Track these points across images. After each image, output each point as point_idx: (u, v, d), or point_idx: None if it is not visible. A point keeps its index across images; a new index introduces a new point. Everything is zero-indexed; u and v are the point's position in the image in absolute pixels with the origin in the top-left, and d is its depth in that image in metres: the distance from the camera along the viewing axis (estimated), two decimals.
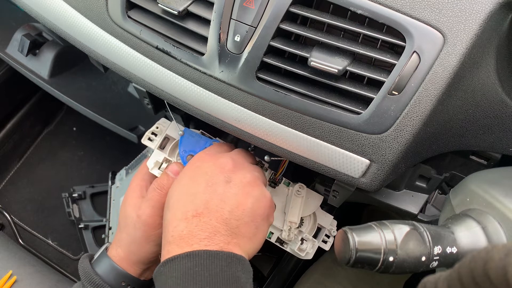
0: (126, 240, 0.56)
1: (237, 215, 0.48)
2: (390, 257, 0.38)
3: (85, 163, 1.14)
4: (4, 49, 0.93)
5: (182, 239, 0.46)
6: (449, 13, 0.42)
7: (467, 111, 0.46)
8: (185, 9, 0.48)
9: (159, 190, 0.56)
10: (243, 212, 0.49)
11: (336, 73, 0.44)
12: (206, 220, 0.47)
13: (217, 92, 0.51)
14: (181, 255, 0.44)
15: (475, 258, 0.28)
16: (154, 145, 0.62)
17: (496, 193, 0.42)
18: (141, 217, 0.55)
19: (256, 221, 0.50)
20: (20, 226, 1.04)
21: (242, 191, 0.50)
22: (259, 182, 0.52)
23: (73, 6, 0.55)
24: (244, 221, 0.49)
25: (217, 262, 0.44)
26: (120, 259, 0.56)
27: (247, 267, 0.47)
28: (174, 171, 0.57)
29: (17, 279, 0.71)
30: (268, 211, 0.52)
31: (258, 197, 0.50)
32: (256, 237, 0.50)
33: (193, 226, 0.47)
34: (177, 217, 0.48)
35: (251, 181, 0.51)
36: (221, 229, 0.47)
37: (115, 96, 1.00)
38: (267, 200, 0.52)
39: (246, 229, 0.49)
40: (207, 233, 0.46)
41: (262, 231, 0.51)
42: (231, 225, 0.48)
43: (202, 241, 0.46)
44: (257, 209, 0.50)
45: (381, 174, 0.47)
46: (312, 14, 0.45)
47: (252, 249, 0.50)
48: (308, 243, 0.62)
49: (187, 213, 0.48)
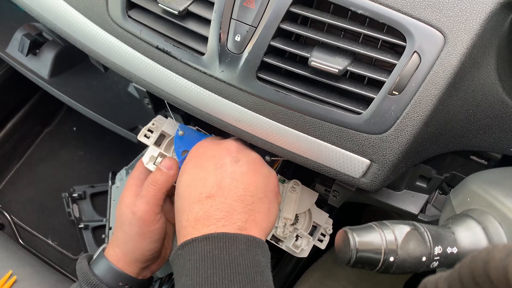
0: (122, 239, 0.56)
1: (251, 191, 0.49)
2: (390, 257, 0.38)
3: (85, 163, 1.14)
4: (4, 49, 0.93)
5: (198, 221, 0.46)
6: (449, 13, 0.41)
7: (467, 111, 0.46)
8: (186, 9, 0.48)
9: (153, 185, 0.55)
10: (257, 188, 0.49)
11: (336, 73, 0.44)
12: (221, 199, 0.47)
13: (217, 92, 0.51)
14: (199, 238, 0.44)
15: (475, 258, 0.28)
16: (150, 142, 0.62)
17: (497, 193, 0.42)
18: (136, 214, 0.55)
19: (269, 196, 0.51)
20: (20, 226, 1.04)
21: (252, 169, 0.51)
22: (263, 161, 0.54)
23: (73, 6, 0.55)
24: (258, 196, 0.49)
25: (236, 246, 0.43)
26: (117, 259, 0.56)
27: (266, 251, 0.46)
28: (167, 165, 0.57)
29: (17, 279, 0.71)
30: (277, 188, 0.53)
31: (267, 174, 0.52)
32: (270, 212, 0.50)
33: (208, 207, 0.47)
34: (189, 202, 0.48)
35: (257, 160, 0.53)
36: (237, 207, 0.47)
37: (115, 96, 1.00)
38: (274, 177, 0.53)
39: (261, 205, 0.49)
40: (223, 213, 0.46)
41: (275, 207, 0.52)
42: (246, 201, 0.48)
43: (219, 221, 0.45)
44: (268, 185, 0.51)
45: (381, 174, 0.47)
46: (312, 14, 0.45)
47: (268, 225, 0.50)
48: (303, 240, 0.62)
49: (200, 196, 0.48)
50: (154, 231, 0.55)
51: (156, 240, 0.56)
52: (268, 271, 0.45)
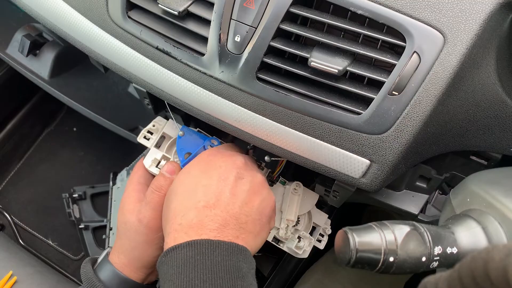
0: (128, 246, 0.55)
1: (246, 211, 0.49)
2: (390, 258, 0.38)
3: (86, 164, 1.14)
4: (4, 50, 0.93)
5: (191, 227, 0.46)
6: (449, 13, 0.42)
7: (467, 111, 0.46)
8: (185, 9, 0.48)
9: (157, 192, 0.55)
10: (252, 209, 0.50)
11: (336, 73, 0.44)
12: (217, 212, 0.47)
13: (217, 92, 0.51)
14: (182, 244, 0.44)
15: (475, 258, 0.28)
16: (150, 144, 0.61)
17: (497, 193, 0.42)
18: (142, 221, 0.54)
19: (262, 220, 0.51)
20: (20, 227, 1.04)
21: (253, 189, 0.51)
22: (266, 184, 0.54)
23: (73, 6, 0.55)
24: (252, 218, 0.49)
25: (218, 251, 0.44)
26: (123, 266, 0.55)
27: (249, 258, 0.47)
28: (170, 170, 0.57)
29: (18, 280, 0.71)
30: (273, 213, 0.53)
31: (266, 197, 0.52)
32: (260, 235, 0.51)
33: (204, 216, 0.47)
34: (186, 206, 0.48)
35: (261, 181, 0.53)
36: (230, 223, 0.47)
37: (115, 97, 1.00)
38: (273, 202, 0.53)
39: (253, 226, 0.49)
40: (217, 225, 0.46)
41: (266, 231, 0.52)
42: (240, 220, 0.48)
43: (212, 231, 0.46)
44: (264, 208, 0.51)
45: (381, 174, 0.47)
46: (312, 15, 0.45)
47: (255, 246, 0.50)
48: (305, 241, 0.62)
49: (197, 203, 0.48)
50: (160, 237, 0.55)
51: (162, 246, 0.55)
52: (251, 278, 0.45)
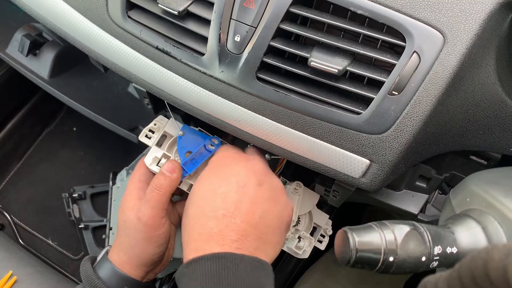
0: (128, 243, 0.56)
1: (267, 219, 0.48)
2: (390, 257, 0.38)
3: (85, 163, 1.14)
4: (4, 49, 0.93)
5: (212, 237, 0.45)
6: (449, 13, 0.42)
7: (467, 111, 0.46)
8: (185, 9, 0.48)
9: (157, 190, 0.55)
10: (273, 218, 0.49)
11: (336, 73, 0.44)
12: (237, 221, 0.46)
13: (217, 92, 0.51)
14: (206, 256, 0.43)
15: (475, 258, 0.28)
16: (152, 142, 0.62)
17: (496, 193, 0.42)
18: (141, 219, 0.54)
19: (281, 228, 0.50)
20: (20, 226, 1.04)
21: (272, 197, 0.50)
22: (284, 190, 0.53)
23: (73, 6, 0.55)
24: (273, 228, 0.49)
25: (242, 266, 0.43)
26: (122, 263, 0.55)
27: (270, 273, 0.46)
28: (170, 169, 0.56)
29: (17, 279, 0.71)
30: (290, 219, 0.53)
31: (285, 205, 0.51)
32: (279, 245, 0.50)
33: (224, 225, 0.46)
34: (205, 215, 0.47)
35: (280, 188, 0.52)
36: (251, 233, 0.46)
37: (115, 96, 1.00)
38: (291, 209, 0.53)
39: (272, 236, 0.49)
40: (238, 235, 0.46)
41: (283, 240, 0.51)
42: (260, 230, 0.47)
43: (233, 243, 0.45)
44: (284, 217, 0.51)
45: (381, 174, 0.47)
46: (312, 14, 0.45)
47: (274, 255, 0.50)
48: (305, 241, 0.62)
49: (216, 212, 0.47)
50: (160, 235, 0.55)
51: (162, 243, 0.56)
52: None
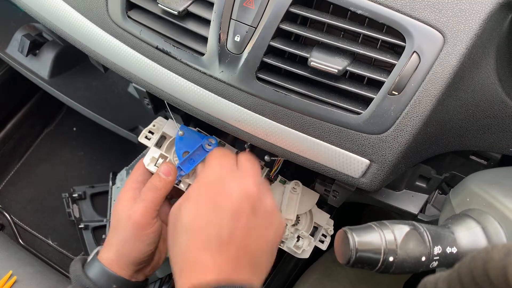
0: (117, 241, 0.56)
1: (261, 245, 0.48)
2: (390, 257, 0.38)
3: (85, 163, 1.14)
4: (4, 49, 0.93)
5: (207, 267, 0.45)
6: (449, 13, 0.42)
7: (467, 111, 0.46)
8: (185, 9, 0.48)
9: (152, 191, 0.56)
10: (267, 243, 0.49)
11: (336, 73, 0.44)
12: (232, 251, 0.46)
13: (217, 92, 0.51)
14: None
15: (475, 258, 0.28)
16: (151, 143, 0.62)
17: (496, 193, 0.42)
18: (131, 217, 0.55)
19: (274, 249, 0.51)
20: (20, 226, 1.04)
21: (266, 221, 0.50)
22: (278, 210, 0.53)
23: (73, 6, 0.55)
24: (266, 251, 0.49)
25: None
26: (111, 262, 0.55)
27: None
28: (165, 172, 0.57)
29: (17, 279, 0.71)
30: (281, 237, 0.53)
31: (278, 226, 0.51)
32: (270, 263, 0.50)
33: (218, 256, 0.46)
34: (196, 245, 0.47)
35: (273, 210, 0.51)
36: (245, 262, 0.47)
37: (115, 96, 1.00)
38: (283, 227, 0.53)
39: (266, 259, 0.49)
40: (232, 266, 0.45)
41: (273, 258, 0.51)
42: (255, 256, 0.48)
43: (230, 274, 0.45)
44: (277, 238, 0.51)
45: (381, 174, 0.47)
46: (312, 14, 0.45)
47: (265, 275, 0.50)
48: (305, 241, 0.62)
49: (210, 243, 0.46)
50: (149, 234, 0.55)
51: (150, 243, 0.56)
52: None
